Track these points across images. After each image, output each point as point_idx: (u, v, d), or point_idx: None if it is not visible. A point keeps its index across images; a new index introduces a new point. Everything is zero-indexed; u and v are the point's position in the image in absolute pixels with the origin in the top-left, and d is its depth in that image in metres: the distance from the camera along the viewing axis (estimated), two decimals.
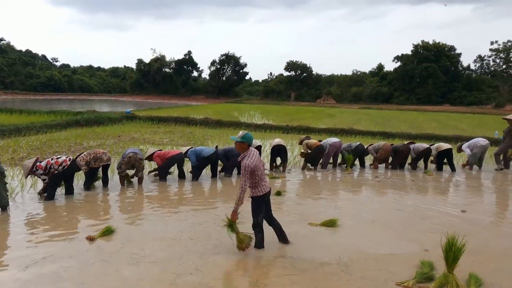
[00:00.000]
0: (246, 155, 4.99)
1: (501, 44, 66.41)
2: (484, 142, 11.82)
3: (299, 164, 11.19)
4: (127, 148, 8.94)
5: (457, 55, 71.67)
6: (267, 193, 5.13)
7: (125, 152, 8.56)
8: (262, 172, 5.10)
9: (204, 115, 26.20)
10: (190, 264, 4.62)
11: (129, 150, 8.58)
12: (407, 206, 7.66)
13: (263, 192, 5.06)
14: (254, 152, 5.04)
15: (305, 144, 10.78)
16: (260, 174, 5.02)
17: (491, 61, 69.09)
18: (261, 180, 5.04)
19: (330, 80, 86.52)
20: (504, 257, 5.23)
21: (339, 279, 4.38)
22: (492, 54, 67.91)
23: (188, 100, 68.92)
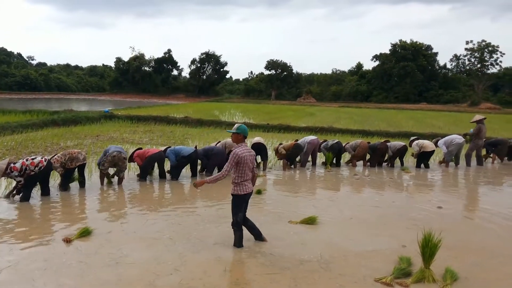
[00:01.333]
0: (239, 145, 5.09)
1: (476, 44, 68.02)
2: (460, 140, 12.08)
3: (280, 163, 11.22)
4: (109, 146, 8.69)
5: (434, 54, 73.04)
6: (248, 194, 5.16)
7: (108, 149, 8.32)
8: (248, 171, 5.12)
9: (184, 114, 26.02)
10: (169, 264, 4.58)
11: (113, 148, 8.39)
12: (385, 203, 7.77)
13: (244, 191, 5.10)
14: (247, 147, 5.15)
15: (281, 148, 10.77)
16: (245, 171, 5.06)
17: (467, 60, 70.60)
18: (244, 178, 5.08)
19: (310, 79, 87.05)
20: (479, 251, 5.36)
21: (319, 277, 4.41)
22: (468, 54, 69.42)
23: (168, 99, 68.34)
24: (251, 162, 5.16)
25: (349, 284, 4.28)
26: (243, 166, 5.03)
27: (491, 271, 4.74)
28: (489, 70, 68.29)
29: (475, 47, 67.87)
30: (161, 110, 30.80)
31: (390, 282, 4.30)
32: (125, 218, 6.33)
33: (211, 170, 9.64)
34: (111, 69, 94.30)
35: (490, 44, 66.86)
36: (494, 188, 9.65)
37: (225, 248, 5.10)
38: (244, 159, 5.02)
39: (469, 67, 70.29)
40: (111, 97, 73.29)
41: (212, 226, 5.95)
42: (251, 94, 78.17)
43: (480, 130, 12.20)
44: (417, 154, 11.59)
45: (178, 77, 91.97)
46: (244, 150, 5.07)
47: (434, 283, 4.30)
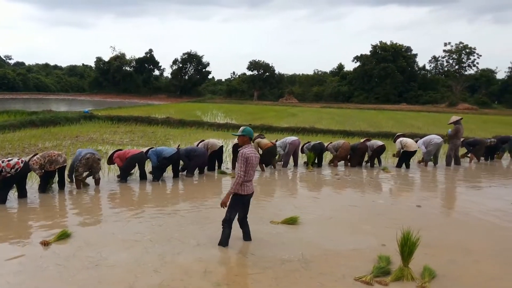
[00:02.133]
0: (245, 146, 5.24)
1: (453, 46, 69.42)
2: (439, 140, 12.30)
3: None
4: (80, 150, 8.43)
5: (413, 56, 74.20)
6: (249, 195, 5.27)
7: (80, 153, 8.12)
8: (252, 171, 5.23)
9: (166, 114, 25.81)
10: (149, 266, 4.55)
11: (84, 151, 8.20)
12: (365, 202, 7.87)
13: (245, 192, 5.21)
14: (253, 149, 5.29)
15: (257, 143, 10.63)
16: (249, 171, 5.17)
17: (445, 61, 72.01)
18: (248, 179, 5.20)
19: (292, 79, 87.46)
20: (456, 249, 5.48)
21: (300, 276, 4.44)
22: (446, 55, 70.79)
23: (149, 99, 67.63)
24: (256, 163, 5.28)
25: (330, 283, 4.32)
26: (249, 166, 5.16)
27: (467, 269, 4.85)
28: (467, 72, 69.80)
29: (453, 49, 69.26)
30: (143, 110, 30.51)
31: (369, 281, 4.35)
32: (105, 220, 6.25)
33: (192, 171, 9.60)
34: (91, 69, 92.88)
35: (467, 46, 68.32)
36: (471, 187, 9.86)
37: (206, 249, 5.09)
38: (251, 160, 5.16)
39: (447, 68, 71.70)
40: (91, 97, 72.15)
41: (194, 228, 5.93)
42: (234, 95, 78.06)
43: (458, 130, 12.46)
44: (399, 153, 11.72)
45: (160, 77, 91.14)
46: (251, 151, 5.22)
47: (413, 281, 4.38)
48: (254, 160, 5.22)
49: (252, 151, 5.25)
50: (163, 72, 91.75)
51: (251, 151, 5.22)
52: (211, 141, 10.41)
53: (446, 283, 4.41)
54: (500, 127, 25.24)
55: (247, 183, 5.23)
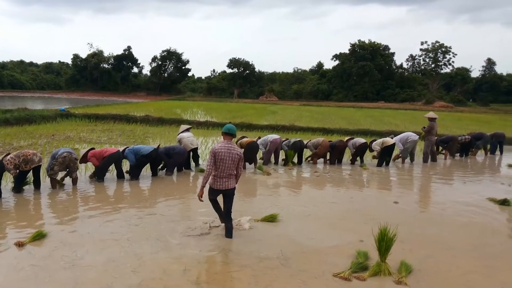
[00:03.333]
0: (220, 142, 5.43)
1: (430, 45, 70.82)
2: (415, 137, 12.55)
3: None
4: (58, 148, 8.33)
5: (391, 54, 75.31)
6: (220, 190, 5.43)
7: (57, 152, 7.99)
8: (225, 167, 5.28)
9: (145, 112, 25.54)
10: (127, 266, 4.49)
11: (62, 150, 8.06)
12: (343, 199, 7.96)
13: (216, 187, 5.42)
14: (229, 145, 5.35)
15: (239, 144, 10.72)
16: (221, 167, 5.28)
17: (422, 60, 73.43)
18: (219, 174, 5.30)
19: (272, 77, 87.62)
20: (432, 244, 5.59)
21: (279, 273, 4.46)
22: (422, 54, 72.23)
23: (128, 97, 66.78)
24: (231, 159, 5.28)
25: (309, 280, 4.35)
26: (219, 161, 5.25)
27: (443, 263, 4.95)
28: (443, 70, 71.39)
29: (429, 48, 70.70)
30: (121, 108, 30.08)
31: (348, 277, 4.41)
32: (81, 219, 6.14)
33: (172, 169, 9.53)
34: (68, 66, 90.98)
35: (443, 45, 69.84)
36: (447, 183, 10.08)
37: (185, 248, 5.07)
38: (220, 155, 5.23)
39: (424, 67, 73.15)
40: (68, 95, 70.75)
41: (172, 226, 5.88)
42: (214, 93, 77.80)
43: (432, 127, 12.73)
44: (379, 153, 11.84)
45: (139, 75, 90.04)
46: (222, 147, 5.29)
47: (390, 276, 4.45)
48: (227, 155, 5.26)
49: (226, 146, 5.31)
50: (142, 69, 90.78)
51: (223, 146, 5.30)
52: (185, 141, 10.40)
53: (423, 278, 4.49)
54: (474, 125, 25.86)
55: (220, 178, 5.32)
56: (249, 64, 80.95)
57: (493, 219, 6.95)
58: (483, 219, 6.92)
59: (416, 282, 4.36)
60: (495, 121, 31.31)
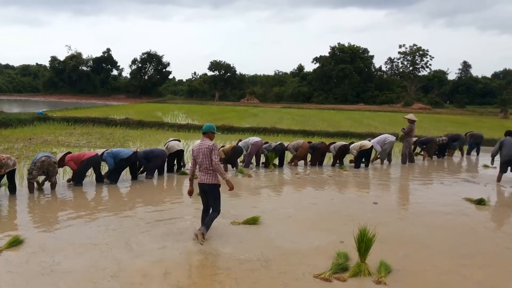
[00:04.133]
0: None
1: (408, 48, 72.12)
2: (393, 138, 12.77)
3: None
4: (37, 152, 8.20)
5: (370, 57, 76.44)
6: (199, 184, 5.69)
7: (36, 156, 7.90)
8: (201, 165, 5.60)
9: (125, 115, 25.29)
10: (107, 271, 4.43)
11: (41, 154, 7.98)
12: (324, 201, 8.02)
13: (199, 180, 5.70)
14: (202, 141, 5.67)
15: (221, 151, 10.70)
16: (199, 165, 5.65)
17: (400, 63, 74.71)
18: (198, 169, 5.71)
19: (253, 80, 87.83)
20: (410, 244, 5.68)
21: (260, 275, 4.47)
22: (401, 57, 73.49)
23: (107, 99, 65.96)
24: (202, 153, 5.56)
25: (291, 282, 4.37)
26: (195, 158, 5.67)
27: (421, 263, 5.04)
28: (420, 73, 72.75)
29: (407, 51, 72.00)
30: (100, 111, 29.70)
31: (328, 278, 4.44)
32: (59, 225, 6.03)
33: (152, 172, 9.45)
34: (46, 69, 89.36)
35: (420, 48, 71.21)
36: (425, 184, 10.27)
37: (166, 251, 5.03)
38: (194, 152, 5.70)
39: (402, 69, 74.44)
40: (45, 98, 69.44)
41: (152, 230, 5.84)
42: (195, 95, 77.52)
43: (412, 129, 12.98)
44: (356, 156, 11.97)
45: (119, 78, 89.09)
46: (196, 145, 5.73)
47: (370, 276, 4.50)
48: (198, 151, 5.60)
49: (197, 144, 5.71)
50: (122, 72, 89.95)
51: (196, 144, 5.74)
52: (171, 143, 10.31)
53: (401, 277, 4.56)
54: (451, 126, 26.44)
55: (199, 173, 5.68)
56: (230, 66, 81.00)
57: (469, 218, 7.10)
58: (460, 218, 7.07)
59: (394, 282, 4.43)
60: (471, 122, 32.06)
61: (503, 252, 5.55)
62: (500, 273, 4.84)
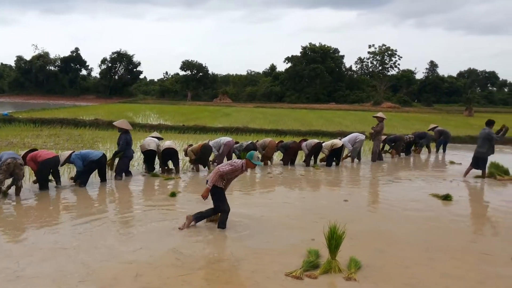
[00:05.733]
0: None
1: (377, 48, 73.53)
2: (363, 137, 13.02)
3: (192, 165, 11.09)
4: (1, 153, 7.76)
5: (341, 57, 77.49)
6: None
7: (1, 158, 7.43)
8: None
9: (94, 116, 24.79)
10: (75, 276, 4.34)
11: (5, 155, 7.48)
12: (295, 199, 8.10)
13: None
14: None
15: (190, 151, 10.63)
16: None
17: (369, 63, 76.06)
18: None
19: (226, 79, 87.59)
20: (380, 239, 5.81)
21: (231, 275, 4.47)
22: (370, 57, 74.84)
23: (76, 100, 64.36)
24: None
25: (263, 281, 4.39)
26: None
27: (391, 257, 5.16)
28: (389, 72, 74.28)
29: (376, 51, 73.38)
30: (69, 112, 28.99)
31: (299, 275, 4.49)
32: (24, 230, 5.85)
33: (120, 173, 9.29)
34: (11, 69, 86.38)
35: (389, 48, 72.72)
36: (394, 180, 10.49)
37: (136, 253, 4.96)
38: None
39: (372, 69, 75.82)
40: (11, 98, 67.12)
41: (122, 232, 5.76)
42: (167, 95, 76.64)
43: (382, 128, 13.26)
44: (329, 154, 12.11)
45: (88, 77, 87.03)
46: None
47: (340, 273, 4.57)
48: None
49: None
50: (91, 71, 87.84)
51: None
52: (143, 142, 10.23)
53: (371, 273, 4.65)
54: (419, 124, 27.11)
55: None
56: (203, 66, 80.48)
57: (436, 213, 7.31)
58: (428, 214, 7.26)
59: (364, 277, 4.51)
60: (438, 121, 32.91)
61: (467, 245, 5.75)
62: (464, 265, 5.01)
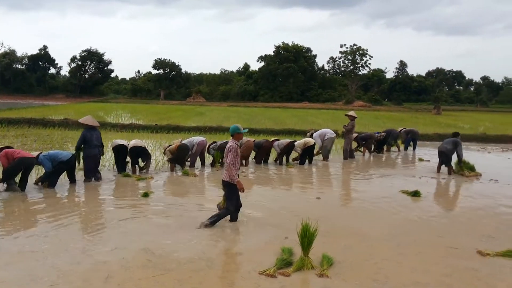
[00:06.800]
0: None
1: (348, 47, 74.64)
2: (332, 135, 13.17)
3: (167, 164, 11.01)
4: None
5: (313, 57, 78.34)
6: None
7: None
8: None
9: (64, 115, 24.21)
10: (45, 280, 4.23)
11: None
12: (268, 198, 8.13)
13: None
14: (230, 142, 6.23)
15: (168, 151, 10.57)
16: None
17: (341, 62, 77.14)
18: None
19: (199, 78, 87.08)
20: (351, 236, 5.91)
21: (205, 275, 4.46)
22: (342, 56, 75.89)
23: (45, 99, 62.60)
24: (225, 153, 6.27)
25: (237, 280, 4.41)
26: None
27: (361, 253, 5.26)
28: (360, 72, 75.52)
29: (348, 51, 74.47)
30: (37, 111, 28.19)
31: (273, 273, 4.52)
32: None
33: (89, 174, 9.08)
34: None
35: (360, 48, 73.92)
36: (364, 178, 10.69)
37: (107, 255, 4.89)
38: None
39: (344, 68, 76.89)
40: None
41: (93, 234, 5.66)
42: (139, 94, 75.57)
43: (354, 126, 13.49)
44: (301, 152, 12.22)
45: (57, 76, 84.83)
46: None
47: (313, 270, 4.63)
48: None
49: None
50: (60, 70, 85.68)
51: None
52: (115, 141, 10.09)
53: (343, 269, 4.73)
54: (390, 122, 27.71)
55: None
56: (176, 65, 79.77)
57: (406, 209, 7.50)
58: (397, 210, 7.45)
59: (336, 274, 4.58)
60: (408, 119, 33.79)
61: (435, 239, 5.93)
62: (431, 258, 5.17)
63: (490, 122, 33.70)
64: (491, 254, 5.30)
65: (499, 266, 4.97)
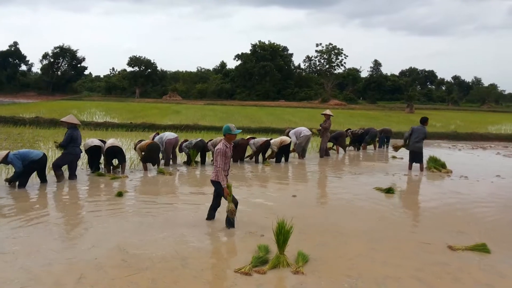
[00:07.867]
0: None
1: (324, 47, 75.40)
2: (307, 133, 13.27)
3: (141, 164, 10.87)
4: None
5: (290, 55, 78.85)
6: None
7: None
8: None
9: (35, 113, 23.61)
10: (15, 282, 4.12)
11: None
12: (245, 195, 8.11)
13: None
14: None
15: (138, 148, 10.41)
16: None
17: (317, 61, 77.90)
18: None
19: (175, 76, 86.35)
20: (327, 233, 5.98)
21: (180, 274, 4.43)
22: (318, 55, 76.64)
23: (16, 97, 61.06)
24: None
25: (212, 279, 4.39)
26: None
27: (336, 249, 5.33)
28: (336, 71, 76.49)
29: (323, 50, 75.24)
30: (7, 109, 27.42)
31: (248, 271, 4.52)
32: None
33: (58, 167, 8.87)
34: None
35: (336, 47, 74.83)
36: (339, 175, 10.84)
37: (80, 255, 4.80)
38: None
39: (319, 67, 77.70)
40: None
41: (66, 235, 5.55)
42: (113, 92, 74.45)
43: (330, 125, 13.64)
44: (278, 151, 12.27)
45: (28, 73, 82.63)
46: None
47: (289, 267, 4.66)
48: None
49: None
50: (32, 67, 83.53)
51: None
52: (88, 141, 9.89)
53: (318, 266, 4.78)
54: (364, 120, 28.16)
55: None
56: (151, 62, 78.88)
57: (379, 206, 7.63)
58: (371, 206, 7.58)
59: (311, 271, 4.62)
60: (381, 117, 34.42)
61: (408, 235, 6.06)
62: (404, 254, 5.28)
63: (461, 120, 34.68)
64: (460, 249, 5.46)
65: (468, 260, 5.13)
